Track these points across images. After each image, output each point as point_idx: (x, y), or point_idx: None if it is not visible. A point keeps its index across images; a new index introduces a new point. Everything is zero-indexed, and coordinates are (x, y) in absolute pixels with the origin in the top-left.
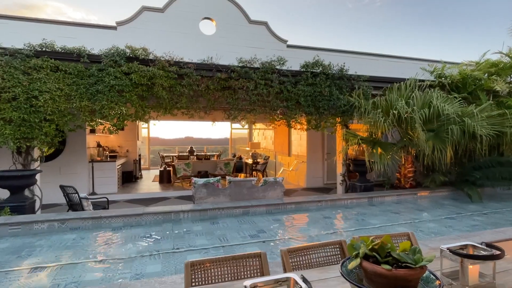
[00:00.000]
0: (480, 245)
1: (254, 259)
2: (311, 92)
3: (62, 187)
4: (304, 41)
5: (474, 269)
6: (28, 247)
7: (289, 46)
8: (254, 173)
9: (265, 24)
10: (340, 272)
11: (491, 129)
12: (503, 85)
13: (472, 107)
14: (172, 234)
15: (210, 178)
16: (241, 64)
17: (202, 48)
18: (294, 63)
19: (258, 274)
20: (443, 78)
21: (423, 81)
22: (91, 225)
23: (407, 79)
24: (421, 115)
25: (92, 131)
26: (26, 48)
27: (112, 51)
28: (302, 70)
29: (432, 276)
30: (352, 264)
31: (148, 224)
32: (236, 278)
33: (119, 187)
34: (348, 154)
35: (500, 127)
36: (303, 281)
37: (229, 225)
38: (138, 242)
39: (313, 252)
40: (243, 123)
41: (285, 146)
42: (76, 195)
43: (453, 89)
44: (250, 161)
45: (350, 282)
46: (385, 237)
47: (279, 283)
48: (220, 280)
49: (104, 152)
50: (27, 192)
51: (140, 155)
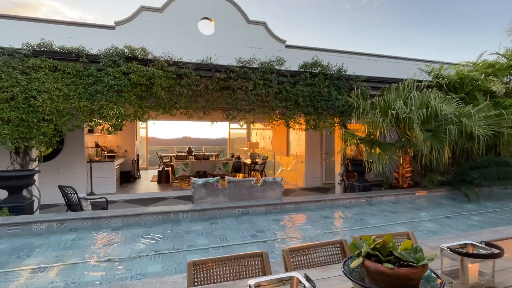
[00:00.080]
0: (480, 244)
1: (256, 259)
2: (310, 92)
3: (61, 188)
4: (304, 41)
5: (474, 268)
6: (27, 248)
7: (288, 47)
8: (253, 173)
9: (264, 24)
10: (343, 271)
11: (488, 129)
12: (500, 86)
13: (470, 108)
14: (172, 234)
15: (209, 178)
16: (240, 64)
17: (201, 48)
18: (293, 64)
19: (260, 274)
20: (441, 79)
21: (421, 82)
22: (91, 226)
23: (405, 80)
24: (419, 115)
25: (90, 131)
26: (24, 48)
27: (111, 51)
28: (301, 71)
29: (433, 275)
30: (355, 263)
31: (148, 224)
32: (238, 278)
33: (118, 187)
34: (347, 154)
35: (497, 127)
36: (307, 280)
37: (229, 225)
38: (138, 242)
39: (314, 252)
40: (242, 123)
41: (284, 146)
42: (75, 195)
43: (451, 90)
44: (249, 161)
45: (353, 281)
46: (387, 236)
47: (283, 282)
48: (222, 280)
49: (102, 152)
50: (25, 193)
51: (138, 155)
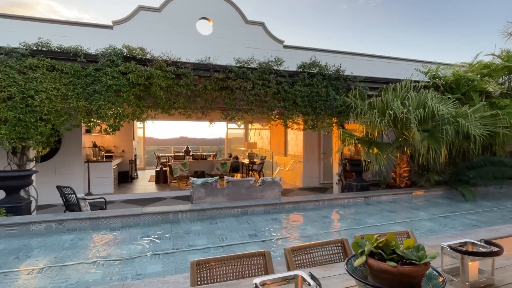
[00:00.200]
0: (479, 243)
1: (259, 258)
2: (308, 93)
3: (59, 188)
4: (302, 42)
5: (474, 266)
6: (26, 248)
7: (286, 47)
8: (251, 173)
9: (262, 25)
10: (346, 269)
11: (484, 130)
12: (495, 86)
13: (466, 108)
14: (171, 234)
15: (208, 178)
16: (239, 64)
17: (199, 48)
18: (291, 64)
19: (263, 273)
20: (437, 79)
21: (418, 82)
22: (89, 226)
23: (402, 80)
24: (416, 116)
25: (88, 131)
26: (22, 47)
27: (109, 51)
28: (299, 71)
29: (435, 273)
30: (358, 261)
31: (147, 224)
32: (241, 277)
33: (115, 188)
34: (344, 154)
35: (493, 128)
36: (311, 278)
37: (228, 225)
38: (137, 243)
39: (316, 251)
40: (240, 123)
41: (282, 146)
42: (73, 196)
43: (447, 90)
44: (247, 161)
45: (356, 279)
46: (389, 235)
47: (287, 281)
48: (225, 279)
49: (100, 152)
50: (23, 193)
51: (136, 155)
